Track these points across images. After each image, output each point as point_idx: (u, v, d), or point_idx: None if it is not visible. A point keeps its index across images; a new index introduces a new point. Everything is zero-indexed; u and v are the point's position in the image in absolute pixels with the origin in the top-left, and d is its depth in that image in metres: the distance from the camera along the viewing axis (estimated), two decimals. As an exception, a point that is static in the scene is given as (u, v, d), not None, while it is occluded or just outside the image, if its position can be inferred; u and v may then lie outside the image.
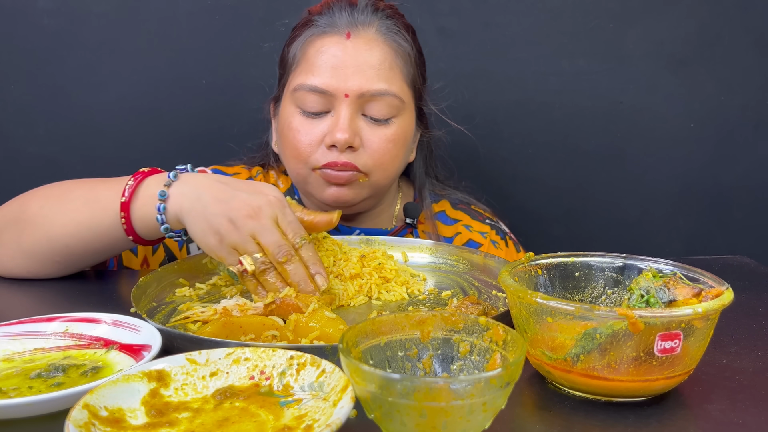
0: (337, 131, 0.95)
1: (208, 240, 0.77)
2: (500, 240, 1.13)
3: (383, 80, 0.97)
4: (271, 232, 0.76)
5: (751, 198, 1.51)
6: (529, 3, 1.40)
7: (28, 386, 0.57)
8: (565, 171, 1.48)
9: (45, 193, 0.88)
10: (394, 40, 1.00)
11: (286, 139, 1.01)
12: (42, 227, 0.84)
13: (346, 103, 0.96)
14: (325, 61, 0.96)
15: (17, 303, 0.82)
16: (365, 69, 0.96)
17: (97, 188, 0.84)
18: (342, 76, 0.95)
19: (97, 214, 0.82)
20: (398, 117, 1.00)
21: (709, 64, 1.44)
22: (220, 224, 0.76)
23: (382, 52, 0.98)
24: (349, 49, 0.96)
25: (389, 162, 1.00)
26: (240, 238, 0.76)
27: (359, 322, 0.53)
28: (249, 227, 0.76)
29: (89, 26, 1.32)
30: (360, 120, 0.98)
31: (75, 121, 1.35)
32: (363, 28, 0.98)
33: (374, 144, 0.98)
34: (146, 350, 0.61)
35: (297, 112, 0.99)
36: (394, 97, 0.98)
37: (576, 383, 0.57)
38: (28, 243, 0.86)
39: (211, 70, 1.37)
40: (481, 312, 0.73)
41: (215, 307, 0.74)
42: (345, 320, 0.71)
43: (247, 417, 0.49)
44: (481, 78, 1.41)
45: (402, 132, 1.01)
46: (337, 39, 0.97)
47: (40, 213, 0.85)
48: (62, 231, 0.84)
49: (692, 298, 0.59)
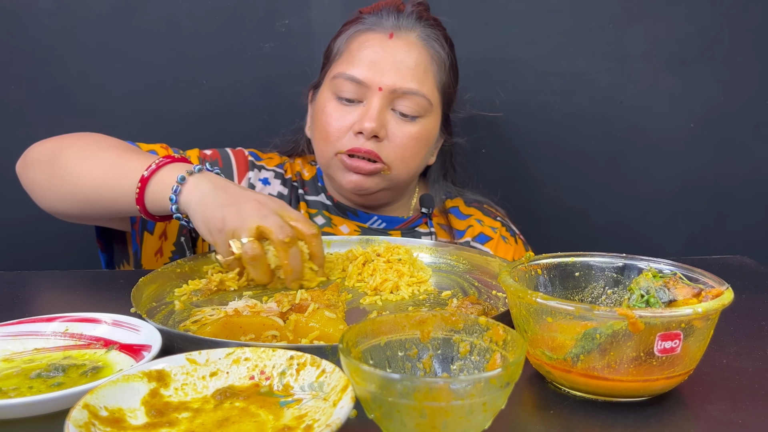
0: (365, 120, 1.01)
1: (212, 226, 0.81)
2: (510, 237, 1.17)
3: (416, 81, 1.03)
4: (272, 216, 0.81)
5: (751, 198, 1.51)
6: (529, 3, 1.40)
7: (28, 386, 0.57)
8: (565, 171, 1.48)
9: (81, 143, 0.96)
10: (432, 47, 1.07)
11: (318, 122, 1.07)
12: (71, 175, 0.92)
13: (378, 95, 1.02)
14: (366, 55, 1.03)
15: (17, 303, 0.82)
16: (401, 68, 1.03)
17: (127, 156, 0.91)
18: (379, 70, 1.02)
19: (119, 178, 0.89)
20: (424, 117, 1.06)
21: (709, 64, 1.44)
22: (225, 213, 0.81)
23: (420, 55, 1.05)
24: (389, 48, 1.03)
25: (410, 157, 1.06)
26: (240, 223, 0.80)
27: (359, 322, 0.53)
28: (253, 215, 0.81)
29: (89, 26, 1.32)
30: (388, 114, 1.04)
31: (75, 121, 1.35)
32: (406, 31, 1.05)
33: (398, 138, 1.04)
34: (146, 350, 0.61)
35: (333, 98, 1.05)
36: (424, 98, 1.04)
37: (576, 383, 0.57)
38: (58, 185, 0.94)
39: (211, 70, 1.37)
40: (481, 312, 0.73)
41: (225, 309, 0.73)
42: (345, 320, 0.71)
43: (247, 417, 0.49)
44: (481, 78, 1.41)
45: (426, 132, 1.06)
46: (380, 37, 1.05)
47: (71, 162, 0.93)
48: (87, 184, 0.91)
49: (692, 298, 0.59)
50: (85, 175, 0.91)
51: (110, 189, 0.90)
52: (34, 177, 0.97)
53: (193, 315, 0.73)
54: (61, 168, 0.93)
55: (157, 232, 1.05)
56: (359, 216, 1.13)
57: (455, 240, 1.14)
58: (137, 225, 1.04)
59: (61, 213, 0.97)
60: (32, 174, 0.97)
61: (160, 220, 0.92)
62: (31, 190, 0.98)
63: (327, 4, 1.10)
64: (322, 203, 1.14)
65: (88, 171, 0.92)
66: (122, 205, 0.89)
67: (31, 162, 0.97)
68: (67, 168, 0.93)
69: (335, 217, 1.13)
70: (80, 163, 0.92)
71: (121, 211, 0.91)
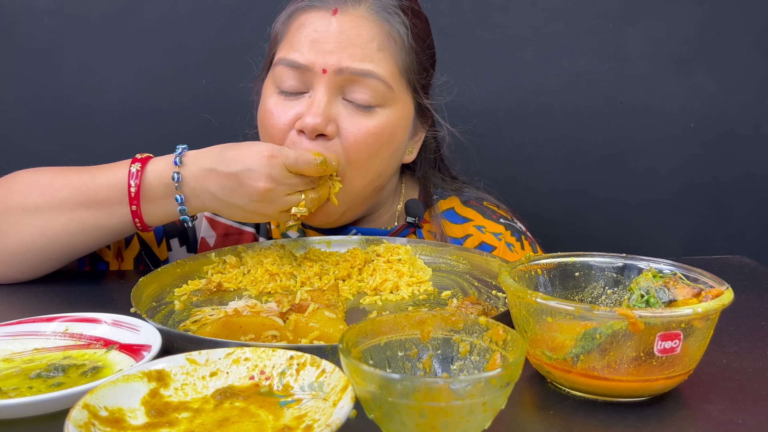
0: (307, 115, 0.85)
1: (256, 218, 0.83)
2: (515, 242, 1.03)
3: (367, 60, 0.86)
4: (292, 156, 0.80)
5: (751, 198, 1.51)
6: (529, 3, 1.40)
7: (28, 386, 0.57)
8: (565, 171, 1.48)
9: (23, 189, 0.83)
10: (387, 20, 0.89)
11: (260, 122, 0.94)
12: (34, 226, 0.81)
13: (323, 81, 0.86)
14: (306, 35, 0.88)
15: (17, 303, 0.82)
16: (347, 46, 0.86)
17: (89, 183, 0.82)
18: (321, 50, 0.86)
19: (101, 214, 0.82)
20: (385, 108, 0.89)
21: (709, 64, 1.44)
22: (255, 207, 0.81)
23: (371, 30, 0.88)
24: (333, 24, 0.87)
25: (367, 159, 0.88)
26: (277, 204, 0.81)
27: (359, 322, 0.53)
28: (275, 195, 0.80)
29: (89, 26, 1.32)
30: (339, 105, 0.87)
31: (75, 121, 1.35)
32: (353, 5, 0.89)
33: (351, 134, 0.87)
34: (146, 350, 0.61)
35: (274, 92, 0.90)
36: (380, 82, 0.87)
37: (576, 383, 0.57)
38: (17, 242, 0.82)
39: (211, 70, 1.37)
40: (481, 312, 0.73)
41: (225, 309, 0.73)
42: (345, 320, 0.71)
43: (247, 417, 0.49)
44: (481, 78, 1.41)
45: (388, 126, 0.89)
46: (322, 14, 0.88)
47: (27, 210, 0.81)
48: (62, 230, 0.82)
49: (692, 298, 0.59)
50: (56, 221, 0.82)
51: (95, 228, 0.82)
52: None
53: (193, 315, 0.73)
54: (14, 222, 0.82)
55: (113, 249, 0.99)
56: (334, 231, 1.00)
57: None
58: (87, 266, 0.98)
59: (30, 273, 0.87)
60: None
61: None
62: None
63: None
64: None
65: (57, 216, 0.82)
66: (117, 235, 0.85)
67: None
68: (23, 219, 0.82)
69: (309, 230, 1.01)
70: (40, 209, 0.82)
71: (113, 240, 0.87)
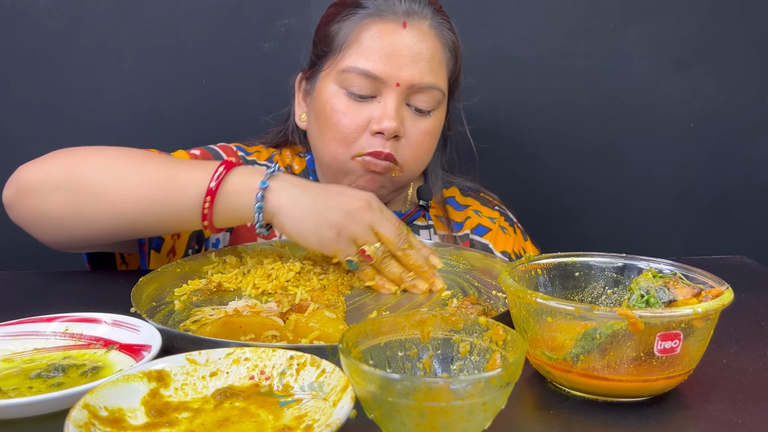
0: (385, 119, 0.94)
1: (325, 234, 0.80)
2: (509, 227, 1.14)
3: (433, 74, 0.97)
4: (387, 222, 0.82)
5: (751, 198, 1.51)
6: (529, 3, 1.40)
7: (28, 386, 0.57)
8: (565, 171, 1.48)
9: (100, 159, 0.85)
10: (444, 35, 1.00)
11: (327, 120, 0.98)
12: (105, 199, 0.82)
13: (396, 91, 0.95)
14: (381, 47, 0.95)
15: (17, 303, 0.82)
16: (419, 61, 0.96)
17: (172, 167, 0.83)
18: (396, 64, 0.95)
19: (175, 194, 0.81)
20: (437, 110, 1.01)
21: (709, 64, 1.44)
22: (338, 218, 0.80)
23: (435, 45, 0.98)
24: (405, 39, 0.96)
25: (425, 155, 1.02)
26: (361, 229, 0.80)
27: (359, 322, 0.53)
28: (367, 218, 0.81)
29: (89, 26, 1.32)
30: (404, 109, 0.98)
31: (75, 121, 1.35)
32: (419, 19, 0.97)
33: (414, 135, 0.98)
34: (146, 350, 0.61)
35: (342, 93, 0.97)
36: (439, 92, 0.99)
37: (576, 383, 0.57)
38: (87, 212, 0.82)
39: (211, 70, 1.36)
40: (481, 312, 0.73)
41: (225, 309, 0.73)
42: (345, 320, 0.71)
43: (247, 417, 0.49)
44: (481, 78, 1.41)
45: (438, 125, 1.03)
46: (393, 26, 0.96)
47: (102, 184, 0.82)
48: (131, 207, 0.82)
49: (692, 298, 0.59)
50: (128, 197, 0.81)
51: (163, 208, 0.81)
52: (43, 205, 0.83)
53: (193, 315, 0.73)
54: (87, 192, 0.82)
55: (164, 250, 1.00)
56: None
57: (453, 232, 1.11)
58: (146, 246, 0.98)
59: (92, 240, 0.87)
60: (40, 202, 0.83)
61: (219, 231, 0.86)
62: (38, 222, 0.85)
63: (327, 4, 1.10)
64: None
65: (130, 191, 0.82)
66: (179, 222, 0.83)
67: (34, 187, 0.83)
68: (97, 191, 0.81)
69: None
70: (115, 184, 0.82)
71: (174, 228, 0.87)
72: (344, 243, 0.80)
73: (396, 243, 0.82)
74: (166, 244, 1.00)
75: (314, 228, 0.80)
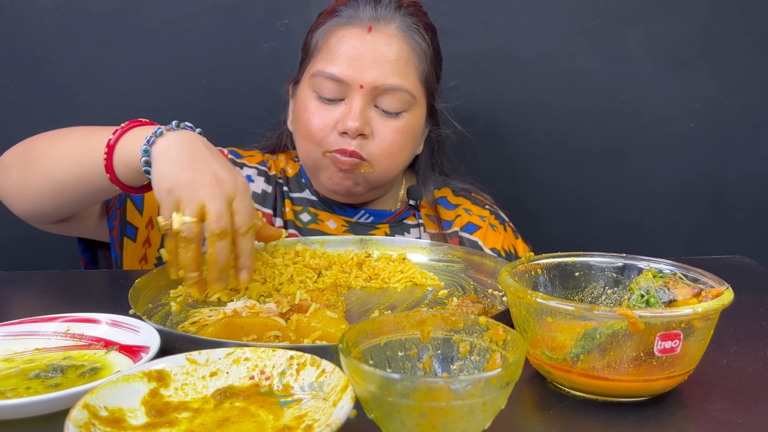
0: (349, 119, 0.98)
1: (162, 184, 0.76)
2: (499, 225, 1.15)
3: (398, 76, 1.00)
4: (220, 201, 0.75)
5: (751, 198, 1.51)
6: (529, 3, 1.40)
7: (26, 387, 0.57)
8: (565, 171, 1.48)
9: (50, 134, 0.92)
10: (413, 38, 1.03)
11: (300, 121, 1.04)
12: (41, 163, 0.88)
13: (360, 93, 0.99)
14: (345, 51, 1.00)
15: (17, 303, 0.82)
16: (382, 63, 0.99)
17: (96, 131, 0.87)
18: (359, 67, 0.99)
19: (87, 151, 0.84)
20: (408, 111, 1.03)
21: (709, 64, 1.44)
22: (180, 176, 0.75)
23: (400, 48, 1.01)
24: (368, 43, 1.00)
25: (397, 152, 1.03)
26: (189, 195, 0.74)
27: (359, 322, 0.53)
28: (203, 192, 0.74)
29: (89, 26, 1.32)
30: (371, 111, 1.01)
31: (75, 121, 1.34)
32: (384, 23, 1.01)
33: (382, 134, 1.01)
34: (144, 352, 0.61)
35: (313, 97, 1.02)
36: (407, 93, 1.01)
37: (576, 383, 0.57)
38: (30, 178, 0.89)
39: (211, 70, 1.36)
40: (482, 310, 0.73)
41: (223, 311, 0.73)
42: (347, 320, 0.71)
43: (247, 417, 0.49)
44: (481, 78, 1.41)
45: (411, 125, 1.04)
46: (358, 31, 1.01)
47: (41, 150, 0.89)
48: (57, 166, 0.87)
49: (692, 298, 0.59)
50: (55, 157, 0.87)
51: (80, 164, 0.85)
52: (7, 180, 0.92)
53: (191, 316, 0.73)
54: (31, 159, 0.89)
55: (140, 240, 1.02)
56: (346, 211, 1.11)
57: (443, 230, 1.13)
58: (116, 231, 1.01)
59: (37, 213, 0.92)
60: (5, 178, 0.92)
61: (137, 192, 0.85)
62: (6, 196, 0.93)
63: (327, 4, 1.10)
64: (307, 199, 1.11)
65: (57, 153, 0.87)
66: (93, 181, 0.84)
67: (3, 167, 0.93)
68: (37, 157, 0.89)
69: (321, 212, 1.11)
70: (49, 148, 0.88)
71: (94, 190, 0.87)
72: (169, 201, 0.75)
73: (212, 222, 0.74)
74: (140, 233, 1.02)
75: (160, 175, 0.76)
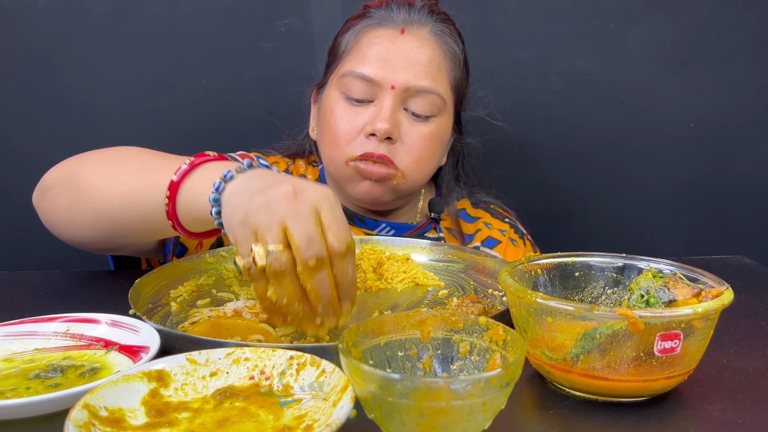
0: (378, 120, 0.95)
1: (233, 219, 0.61)
2: (518, 239, 1.14)
3: (430, 78, 0.98)
4: (305, 220, 0.59)
5: (751, 198, 1.51)
6: (529, 3, 1.40)
7: (26, 387, 0.57)
8: (565, 171, 1.48)
9: (101, 159, 0.82)
10: (446, 42, 1.02)
11: (326, 125, 1.01)
12: (90, 195, 0.77)
13: (390, 94, 0.97)
14: (377, 52, 0.98)
15: (17, 303, 0.82)
16: (414, 65, 0.98)
17: (154, 161, 0.76)
18: (391, 68, 0.97)
19: (144, 191, 0.73)
20: (438, 117, 1.01)
21: (709, 64, 1.44)
22: (251, 202, 0.61)
23: (433, 51, 1.00)
24: (401, 44, 0.98)
25: (426, 160, 1.01)
26: (266, 219, 0.59)
27: (359, 322, 0.53)
28: (282, 209, 0.59)
29: (89, 26, 1.32)
30: (401, 114, 0.99)
31: (75, 121, 1.35)
32: (417, 26, 1.00)
33: (412, 140, 0.98)
34: (144, 352, 0.60)
35: (341, 98, 1.00)
36: (438, 96, 0.99)
37: (576, 383, 0.57)
38: (77, 212, 0.80)
39: (211, 70, 1.37)
40: (482, 310, 0.73)
41: (223, 311, 0.73)
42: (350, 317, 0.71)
43: (247, 417, 0.49)
44: (481, 78, 1.41)
45: (440, 131, 1.02)
46: (391, 32, 0.99)
47: (89, 180, 0.78)
48: (108, 205, 0.76)
49: (692, 298, 0.59)
50: (106, 192, 0.76)
51: (135, 204, 0.73)
52: (52, 205, 0.82)
53: (191, 316, 0.73)
54: (79, 189, 0.78)
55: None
56: (367, 223, 1.06)
57: (465, 244, 1.09)
58: (170, 255, 0.95)
59: (86, 243, 0.84)
60: (50, 202, 0.83)
61: (201, 237, 0.73)
62: (50, 221, 0.84)
63: (327, 4, 1.10)
64: None
65: (109, 187, 0.76)
66: (151, 222, 0.73)
67: (48, 188, 0.83)
68: (85, 188, 0.78)
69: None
70: (99, 181, 0.77)
71: (151, 232, 0.78)
72: (243, 234, 0.60)
73: (302, 249, 0.58)
74: (189, 253, 0.98)
75: (230, 212, 0.63)
